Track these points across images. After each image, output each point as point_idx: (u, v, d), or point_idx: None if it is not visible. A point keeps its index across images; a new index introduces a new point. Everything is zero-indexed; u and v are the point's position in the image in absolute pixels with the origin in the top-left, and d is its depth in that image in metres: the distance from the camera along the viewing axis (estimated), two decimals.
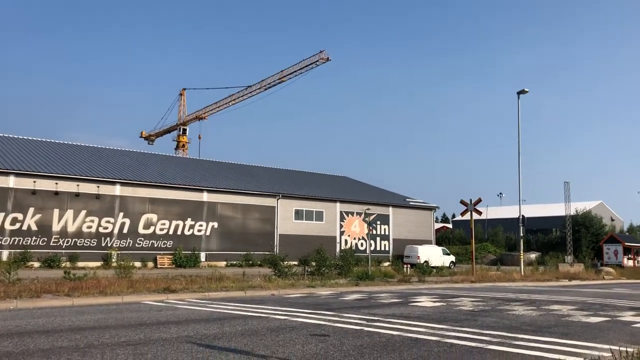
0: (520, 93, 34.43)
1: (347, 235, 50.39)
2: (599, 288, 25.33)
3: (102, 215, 37.15)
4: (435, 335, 9.73)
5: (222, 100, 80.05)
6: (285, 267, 26.06)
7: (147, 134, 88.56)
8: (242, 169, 54.46)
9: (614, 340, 9.31)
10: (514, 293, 20.76)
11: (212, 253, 41.84)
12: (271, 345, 8.60)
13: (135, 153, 51.33)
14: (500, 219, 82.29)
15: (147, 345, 8.44)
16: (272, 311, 13.46)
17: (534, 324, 11.57)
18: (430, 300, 17.10)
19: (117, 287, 17.53)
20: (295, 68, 69.89)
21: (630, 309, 14.96)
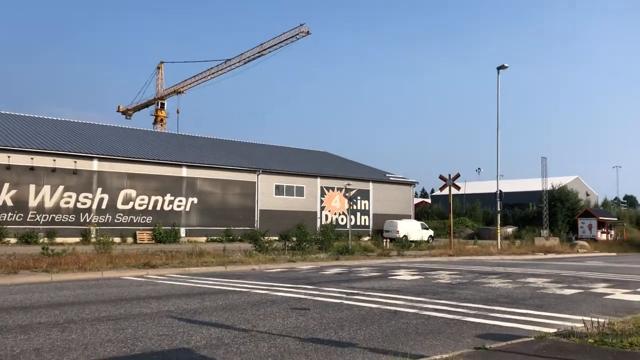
0: (500, 68, 34.55)
1: (328, 210, 50.58)
2: (573, 261, 25.90)
3: (80, 190, 36.70)
4: (414, 308, 9.89)
5: (201, 74, 79.02)
6: (265, 242, 26.13)
7: (125, 109, 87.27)
8: (222, 144, 54.07)
9: (587, 312, 9.56)
10: (490, 266, 21.13)
11: (192, 228, 41.72)
12: (252, 319, 8.67)
13: (113, 128, 50.60)
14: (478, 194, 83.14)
15: (128, 320, 8.45)
16: (253, 286, 13.53)
17: (510, 296, 11.81)
18: (409, 273, 17.33)
19: (96, 263, 17.43)
20: (275, 42, 69.12)
21: (603, 281, 15.35)
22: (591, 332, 6.97)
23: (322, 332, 7.62)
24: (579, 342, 6.55)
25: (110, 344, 6.79)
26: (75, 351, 6.39)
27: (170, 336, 7.27)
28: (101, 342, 6.86)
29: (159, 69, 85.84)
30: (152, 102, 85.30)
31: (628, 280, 15.73)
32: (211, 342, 6.88)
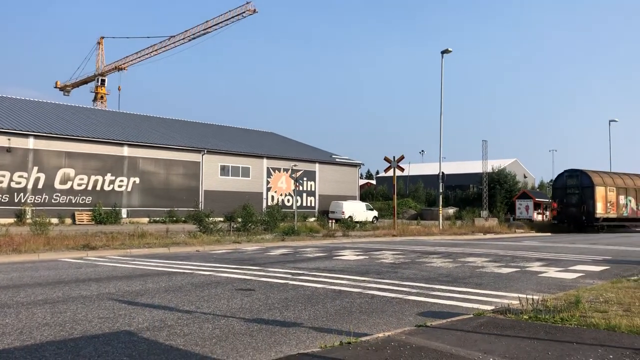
0: (444, 52, 35.13)
1: (274, 191, 50.47)
2: (511, 241, 26.90)
3: (14, 169, 35.12)
4: (358, 287, 10.04)
5: (143, 50, 76.68)
6: (210, 224, 25.86)
7: (63, 85, 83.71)
8: (166, 123, 52.84)
9: (522, 289, 9.97)
10: (432, 246, 21.68)
11: (134, 209, 40.75)
12: (196, 300, 8.58)
13: (50, 104, 48.49)
14: (421, 175, 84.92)
15: (66, 303, 8.20)
16: (197, 267, 13.38)
17: (450, 275, 12.16)
18: (354, 254, 17.56)
19: (32, 245, 16.81)
20: (221, 19, 67.79)
21: (538, 260, 16.02)
22: (526, 309, 7.28)
23: (267, 313, 7.63)
24: (515, 318, 6.82)
25: (48, 327, 6.58)
26: (9, 336, 6.15)
27: (111, 319, 7.10)
28: (37, 326, 6.63)
29: (100, 44, 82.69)
30: (92, 78, 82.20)
31: (561, 259, 16.49)
32: (154, 324, 6.77)
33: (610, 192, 41.85)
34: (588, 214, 40.71)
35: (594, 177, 41.64)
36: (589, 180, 41.35)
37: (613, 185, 42.43)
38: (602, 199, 41.11)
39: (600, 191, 40.97)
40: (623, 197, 43.07)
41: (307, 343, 5.97)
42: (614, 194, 42.32)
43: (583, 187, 41.57)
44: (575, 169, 43.56)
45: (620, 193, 43.00)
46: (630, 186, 43.94)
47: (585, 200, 41.00)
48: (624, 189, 43.50)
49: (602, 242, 26.61)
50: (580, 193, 41.42)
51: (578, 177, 42.39)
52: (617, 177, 44.25)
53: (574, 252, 19.21)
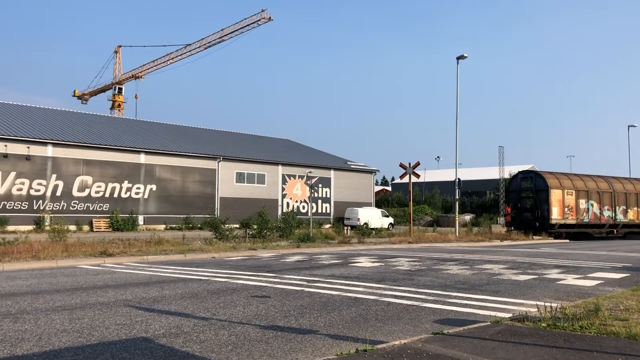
0: (460, 58, 35.00)
1: (289, 198, 50.54)
2: (528, 248, 26.62)
3: (34, 177, 35.60)
4: (374, 295, 10.00)
5: (160, 58, 77.58)
6: (226, 230, 25.96)
7: (81, 93, 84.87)
8: (182, 131, 53.23)
9: (540, 297, 9.85)
10: (449, 253, 21.53)
11: (151, 216, 41.05)
12: (212, 307, 8.60)
13: (68, 113, 49.12)
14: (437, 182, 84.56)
15: (84, 310, 8.26)
16: (213, 274, 13.42)
17: (467, 282, 12.06)
18: (369, 260, 17.49)
19: (51, 251, 16.99)
20: (236, 27, 68.34)
21: (556, 267, 15.83)
22: (544, 317, 7.19)
23: (283, 320, 7.62)
24: (533, 326, 6.74)
25: (66, 334, 6.64)
26: (28, 342, 6.21)
27: (128, 325, 7.15)
28: (56, 332, 6.69)
29: (117, 52, 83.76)
30: (110, 86, 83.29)
31: (579, 266, 16.27)
32: (170, 331, 6.80)
33: (568, 196, 37.98)
34: (542, 219, 37.17)
35: (549, 179, 37.86)
36: (544, 183, 37.57)
37: (572, 188, 38.49)
38: (559, 203, 37.41)
39: (557, 194, 37.40)
40: (584, 201, 39.03)
41: (323, 350, 5.96)
42: (573, 197, 38.37)
43: (537, 190, 37.84)
44: (529, 170, 40.40)
45: (581, 197, 38.94)
46: (593, 189, 39.87)
47: (539, 205, 37.48)
48: (585, 192, 39.31)
49: (622, 249, 26.23)
50: (535, 197, 37.86)
51: (532, 179, 38.75)
52: (577, 179, 40.19)
53: (592, 259, 18.96)
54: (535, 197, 37.68)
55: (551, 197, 36.98)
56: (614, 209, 40.52)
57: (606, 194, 40.41)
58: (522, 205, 38.66)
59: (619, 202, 40.87)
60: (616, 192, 40.86)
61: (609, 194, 40.55)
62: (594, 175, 41.64)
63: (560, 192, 37.46)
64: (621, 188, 41.48)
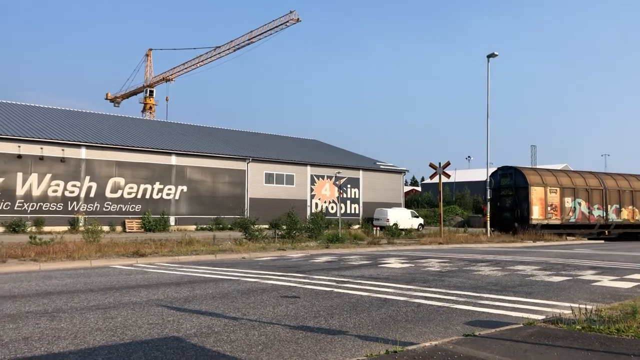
0: (490, 56, 34.54)
1: (318, 198, 50.60)
2: (561, 249, 26.11)
3: (68, 179, 36.42)
4: (404, 296, 9.93)
5: (190, 61, 78.57)
6: (255, 231, 26.11)
7: (113, 96, 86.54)
8: (211, 132, 53.80)
9: (575, 299, 9.65)
10: (480, 254, 21.26)
11: (182, 217, 41.58)
12: (242, 307, 8.66)
13: (101, 115, 50.12)
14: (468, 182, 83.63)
15: (117, 309, 8.41)
16: (243, 274, 13.52)
17: (499, 283, 11.89)
18: (399, 261, 17.39)
19: (85, 252, 17.34)
20: (264, 29, 68.76)
21: (591, 268, 15.49)
22: (579, 319, 7.03)
23: (313, 320, 7.63)
24: (567, 328, 6.60)
25: (100, 332, 6.76)
26: (64, 340, 6.35)
27: (160, 325, 7.25)
28: (90, 331, 6.83)
29: (148, 56, 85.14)
30: (141, 89, 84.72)
31: (615, 267, 15.89)
32: (201, 331, 6.87)
33: (551, 194, 34.82)
34: (522, 219, 34.09)
35: (529, 176, 34.76)
36: (523, 180, 34.49)
37: (556, 186, 35.26)
38: (540, 201, 34.33)
39: (538, 192, 34.31)
40: (570, 200, 35.81)
41: (353, 351, 5.94)
42: (557, 195, 35.16)
43: (517, 188, 34.78)
44: (509, 166, 36.45)
45: (566, 194, 35.68)
46: (580, 186, 36.49)
47: (519, 204, 34.47)
48: (571, 189, 36.05)
49: None
50: (514, 195, 34.85)
51: (511, 176, 35.46)
52: (562, 176, 36.93)
53: (629, 261, 18.49)
54: (515, 196, 34.84)
55: (531, 195, 34.09)
56: (605, 208, 37.37)
57: (596, 191, 37.18)
58: (501, 205, 35.85)
59: (611, 201, 37.66)
60: (608, 189, 37.61)
61: (599, 191, 37.29)
62: (582, 172, 38.52)
63: (542, 190, 34.48)
64: (614, 185, 38.24)
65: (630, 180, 39.60)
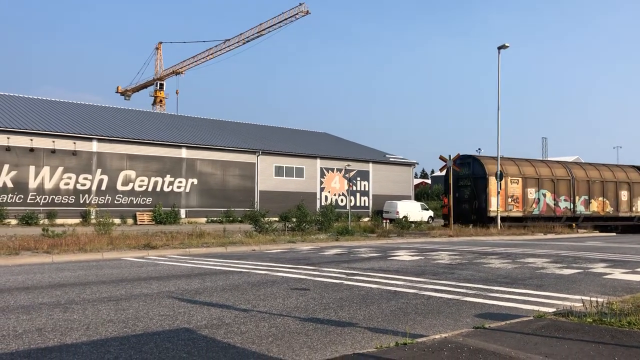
0: (501, 48, 34.25)
1: (328, 191, 50.61)
2: (573, 241, 25.97)
3: (80, 171, 36.68)
4: (414, 288, 9.93)
5: (200, 54, 78.66)
6: (265, 223, 26.19)
7: (124, 89, 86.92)
8: (222, 125, 53.91)
9: (586, 291, 9.61)
10: (490, 247, 21.19)
11: (192, 209, 41.77)
12: (252, 299, 8.70)
13: (112, 109, 50.37)
14: None
15: (129, 301, 8.49)
16: (253, 266, 13.58)
17: (509, 276, 11.85)
18: (409, 254, 17.38)
19: (96, 244, 17.49)
20: (274, 21, 68.63)
21: (602, 261, 15.40)
22: (590, 312, 7.00)
23: (322, 312, 7.66)
24: (578, 321, 6.58)
25: (112, 324, 6.83)
26: (77, 331, 6.42)
27: (171, 316, 7.31)
28: (102, 323, 6.90)
29: (158, 49, 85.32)
30: (151, 82, 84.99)
31: (627, 260, 15.79)
32: (212, 322, 6.92)
33: (513, 184, 32.86)
34: (480, 211, 32.04)
35: (488, 165, 32.47)
36: (482, 169, 32.36)
37: (518, 175, 33.17)
38: (500, 192, 32.34)
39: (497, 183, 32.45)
40: (533, 191, 33.78)
41: (363, 343, 5.96)
42: (519, 186, 33.15)
43: (475, 178, 32.67)
44: (467, 155, 34.08)
45: (529, 185, 33.67)
46: (546, 176, 34.39)
47: (477, 195, 32.38)
48: (535, 179, 34.01)
49: None
50: (472, 185, 32.75)
51: (470, 165, 33.24)
52: (526, 165, 34.43)
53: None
54: (473, 187, 32.81)
55: (490, 185, 32.06)
56: (572, 200, 35.64)
57: (563, 182, 35.30)
58: (460, 196, 33.65)
59: (580, 192, 35.87)
60: (576, 179, 35.80)
61: (566, 182, 35.45)
62: (549, 161, 36.53)
63: (502, 180, 32.48)
64: (583, 175, 36.40)
65: (602, 170, 37.81)
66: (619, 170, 38.98)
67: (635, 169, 39.62)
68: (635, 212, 38.35)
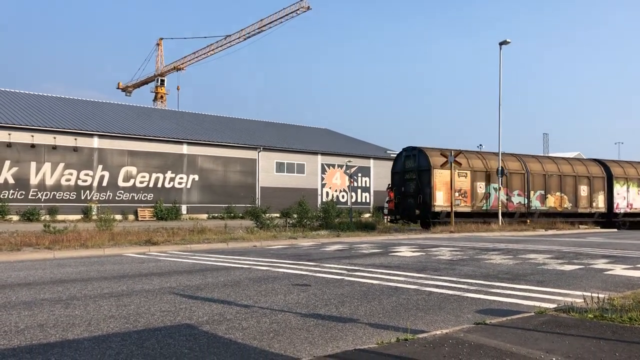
0: (502, 44, 34.16)
1: (329, 187, 50.62)
2: (574, 237, 25.96)
3: (81, 168, 36.72)
4: (415, 284, 9.94)
5: (201, 50, 78.51)
6: (267, 219, 26.23)
7: (125, 85, 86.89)
8: (223, 121, 53.90)
9: (587, 287, 9.60)
10: (492, 243, 21.19)
11: (194, 205, 41.82)
12: (254, 295, 8.72)
13: (113, 105, 50.38)
14: None
15: (130, 297, 8.50)
16: (255, 262, 13.59)
17: (510, 272, 11.86)
18: (410, 250, 17.39)
19: (98, 240, 17.52)
20: (275, 17, 68.48)
21: (603, 256, 15.39)
22: (591, 308, 7.00)
23: (324, 308, 7.66)
24: (579, 317, 6.58)
25: (113, 320, 6.84)
26: (78, 327, 6.44)
27: (172, 312, 7.32)
28: (104, 318, 6.91)
29: (159, 45, 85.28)
30: (152, 78, 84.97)
31: (628, 256, 15.78)
32: (213, 318, 6.93)
33: (461, 177, 30.60)
34: (424, 206, 29.75)
35: (433, 157, 30.18)
36: (427, 162, 30.07)
37: (467, 169, 31.02)
38: (446, 186, 30.03)
39: (443, 176, 30.06)
40: (483, 185, 31.67)
41: (364, 339, 5.97)
42: (467, 179, 30.98)
43: (420, 171, 30.42)
44: (413, 147, 31.92)
45: (479, 179, 31.48)
46: (496, 170, 32.06)
47: (422, 189, 30.16)
48: (485, 173, 31.80)
49: None
50: (417, 179, 30.48)
51: (415, 158, 30.97)
52: (474, 158, 32.28)
53: None
54: (418, 180, 30.57)
55: (434, 178, 29.86)
56: (527, 194, 33.65)
57: (517, 175, 33.29)
58: (405, 190, 31.43)
59: (535, 186, 33.90)
60: (531, 173, 33.78)
61: (520, 175, 33.43)
62: (503, 154, 33.60)
63: (448, 173, 30.12)
64: (539, 169, 34.34)
65: (560, 164, 35.89)
66: (579, 164, 37.26)
67: (596, 163, 37.91)
68: (595, 208, 36.56)
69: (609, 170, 37.12)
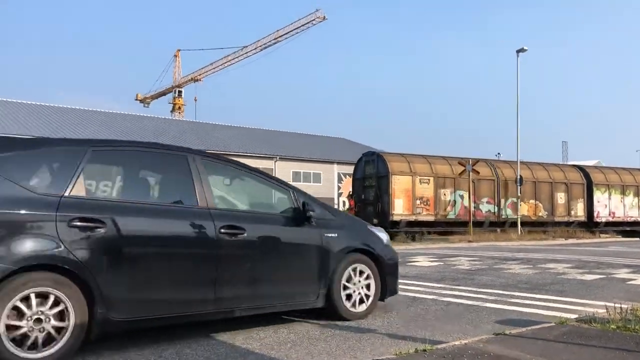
0: (520, 51, 34.00)
1: (345, 196, 50.55)
2: (595, 246, 25.61)
3: None
4: (433, 294, 9.86)
5: (218, 61, 79.25)
6: None
7: (143, 97, 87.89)
8: (239, 131, 54.23)
9: (609, 297, 9.45)
10: (511, 252, 20.99)
11: None
12: None
13: (131, 116, 50.99)
14: None
15: None
16: None
17: (530, 282, 11.71)
18: (428, 260, 17.28)
19: None
20: (290, 28, 68.92)
21: (625, 266, 15.15)
22: (613, 318, 6.88)
23: None
24: (601, 327, 6.46)
25: None
26: None
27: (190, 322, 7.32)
28: None
29: (176, 56, 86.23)
30: (170, 90, 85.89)
31: None
32: (231, 328, 6.93)
33: (422, 184, 28.76)
34: (383, 215, 27.83)
35: (392, 163, 28.28)
36: (385, 168, 28.14)
37: (429, 175, 29.16)
38: (406, 193, 28.24)
39: (403, 182, 28.22)
40: (448, 192, 29.97)
41: (381, 350, 5.92)
42: (431, 186, 29.13)
43: (379, 177, 28.58)
44: (372, 152, 30.84)
45: (444, 186, 29.76)
46: (463, 176, 30.28)
47: (380, 196, 28.29)
48: (451, 179, 30.06)
49: None
50: (377, 186, 28.67)
51: (374, 163, 29.08)
52: (440, 163, 30.30)
53: None
54: (377, 187, 28.69)
55: (393, 185, 27.91)
56: (497, 202, 31.91)
57: (486, 182, 31.31)
58: (365, 197, 29.66)
59: (507, 194, 32.06)
60: (502, 180, 32.00)
61: (490, 182, 31.49)
62: (472, 159, 31.31)
63: (408, 180, 28.39)
64: (511, 175, 32.34)
65: (535, 170, 33.57)
66: (556, 169, 34.94)
67: (575, 169, 35.87)
68: (574, 217, 34.53)
69: (588, 177, 35.15)
